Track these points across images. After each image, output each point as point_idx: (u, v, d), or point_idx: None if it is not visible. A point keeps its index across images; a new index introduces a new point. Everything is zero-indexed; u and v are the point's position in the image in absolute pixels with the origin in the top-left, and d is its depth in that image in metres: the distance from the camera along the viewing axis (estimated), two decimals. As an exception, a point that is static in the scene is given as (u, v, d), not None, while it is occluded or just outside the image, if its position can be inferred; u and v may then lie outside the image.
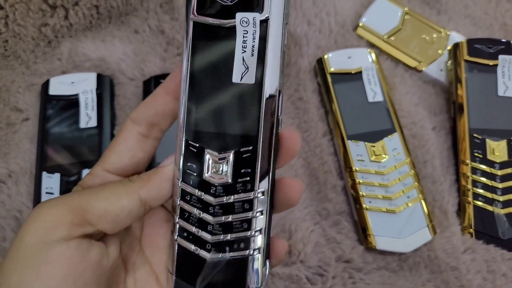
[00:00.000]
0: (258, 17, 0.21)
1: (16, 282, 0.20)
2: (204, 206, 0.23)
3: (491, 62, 0.43)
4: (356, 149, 0.41)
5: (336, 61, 0.45)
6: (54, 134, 0.41)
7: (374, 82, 0.44)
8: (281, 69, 0.22)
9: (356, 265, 0.38)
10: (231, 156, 0.22)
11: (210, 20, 0.22)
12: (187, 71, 0.22)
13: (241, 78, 0.22)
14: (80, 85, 0.42)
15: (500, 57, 0.43)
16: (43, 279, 0.20)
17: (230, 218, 0.22)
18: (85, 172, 0.39)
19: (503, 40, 0.44)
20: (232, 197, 0.22)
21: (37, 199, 0.38)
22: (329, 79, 0.44)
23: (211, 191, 0.22)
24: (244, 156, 0.22)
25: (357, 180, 0.40)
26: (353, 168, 0.40)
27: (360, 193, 0.39)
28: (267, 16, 0.21)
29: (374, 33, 0.48)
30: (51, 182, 0.39)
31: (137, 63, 0.46)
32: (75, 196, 0.22)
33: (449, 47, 0.46)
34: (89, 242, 0.22)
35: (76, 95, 0.42)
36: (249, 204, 0.22)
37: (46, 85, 0.43)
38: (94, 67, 0.45)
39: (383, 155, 0.41)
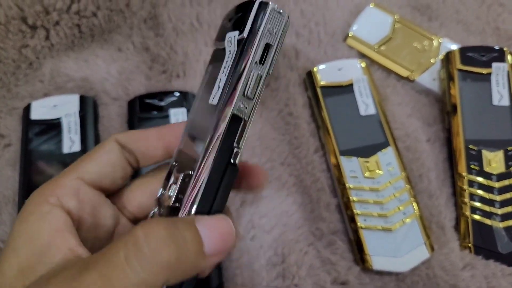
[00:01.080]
0: (237, 36, 0.20)
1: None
2: None
3: (484, 71, 0.42)
4: (349, 165, 0.40)
5: (326, 73, 0.44)
6: (37, 160, 0.39)
7: (365, 94, 0.43)
8: (243, 93, 0.20)
9: (353, 287, 0.37)
10: (180, 178, 0.21)
11: (218, 45, 0.22)
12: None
13: (213, 98, 0.21)
14: (62, 108, 0.41)
15: (494, 65, 0.42)
16: None
17: None
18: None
19: (496, 48, 0.43)
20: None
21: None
22: (320, 92, 0.43)
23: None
24: (185, 180, 0.21)
25: (351, 198, 0.39)
26: (347, 185, 0.39)
27: (355, 211, 0.38)
28: (243, 35, 0.20)
29: (365, 43, 0.46)
30: (34, 211, 0.37)
31: (121, 82, 0.44)
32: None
33: (441, 56, 0.45)
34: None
35: (59, 119, 0.41)
36: None
37: (27, 109, 0.41)
38: (77, 87, 0.44)
39: (377, 171, 0.39)
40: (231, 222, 0.19)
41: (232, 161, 0.20)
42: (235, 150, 0.20)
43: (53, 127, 0.41)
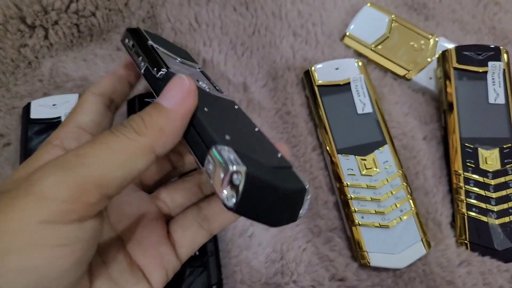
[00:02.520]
0: None
1: (15, 262, 0.17)
2: None
3: (480, 69, 0.43)
4: (346, 163, 0.40)
5: (323, 72, 0.44)
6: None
7: (363, 93, 0.43)
8: None
9: (350, 283, 0.37)
10: None
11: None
12: None
13: None
14: (62, 107, 0.41)
15: (490, 63, 0.43)
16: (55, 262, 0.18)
17: None
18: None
19: (491, 46, 0.43)
20: None
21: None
22: (317, 91, 0.43)
23: None
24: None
25: (348, 195, 0.39)
26: (344, 182, 0.39)
27: (352, 208, 0.39)
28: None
29: (362, 42, 0.47)
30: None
31: (120, 82, 0.44)
32: (83, 168, 0.18)
33: (437, 55, 0.45)
34: (100, 218, 0.20)
35: (59, 117, 0.41)
36: None
37: (27, 108, 0.42)
38: (76, 87, 0.44)
39: (374, 168, 0.40)
40: (181, 77, 0.22)
41: None
42: None
43: (52, 126, 0.41)
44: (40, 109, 0.41)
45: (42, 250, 0.17)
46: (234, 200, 0.18)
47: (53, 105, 0.42)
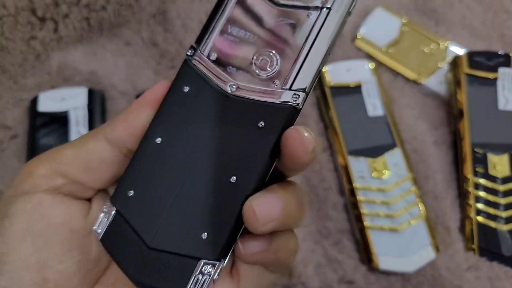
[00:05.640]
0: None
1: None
2: None
3: (491, 75, 0.43)
4: (356, 165, 0.40)
5: (335, 74, 0.44)
6: (43, 152, 0.39)
7: (373, 95, 0.43)
8: None
9: (359, 286, 0.37)
10: None
11: None
12: None
13: None
14: (70, 101, 0.41)
15: (500, 70, 0.43)
16: (2, 232, 0.19)
17: None
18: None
19: (501, 53, 0.44)
20: None
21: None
22: (328, 92, 0.43)
23: None
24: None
25: (358, 198, 0.39)
26: (354, 185, 0.39)
27: (362, 211, 0.38)
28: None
29: (373, 45, 0.47)
30: (41, 203, 0.37)
31: (129, 77, 0.44)
32: (52, 149, 0.21)
33: (449, 60, 0.45)
34: (62, 198, 0.20)
35: (67, 111, 0.41)
36: None
37: (35, 101, 0.41)
38: (85, 81, 0.44)
39: (384, 171, 0.40)
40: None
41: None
42: None
43: (60, 119, 0.40)
44: (48, 103, 0.41)
45: None
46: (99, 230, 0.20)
47: (62, 98, 0.41)
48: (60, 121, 0.41)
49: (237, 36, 0.21)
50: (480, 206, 0.39)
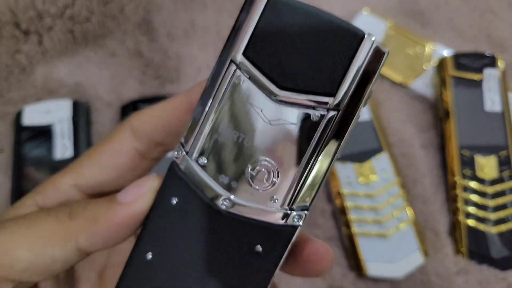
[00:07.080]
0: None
1: None
2: None
3: (476, 77, 0.43)
4: (343, 170, 0.40)
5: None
6: (29, 166, 0.39)
7: (359, 100, 0.43)
8: None
9: (348, 293, 0.36)
10: None
11: None
12: None
13: None
14: (55, 113, 0.41)
15: (486, 71, 0.43)
16: None
17: None
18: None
19: (487, 55, 0.43)
20: None
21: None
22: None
23: None
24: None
25: (345, 204, 0.39)
26: (341, 191, 0.39)
27: (349, 217, 0.38)
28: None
29: (358, 49, 0.47)
30: (26, 218, 0.37)
31: (114, 88, 0.44)
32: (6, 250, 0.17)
33: (434, 63, 0.45)
34: None
35: (52, 125, 0.40)
36: None
37: (19, 114, 0.41)
38: (70, 93, 0.44)
39: (371, 176, 0.39)
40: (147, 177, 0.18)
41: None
42: None
43: (45, 132, 0.40)
44: (33, 116, 0.41)
45: None
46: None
47: (47, 111, 0.41)
48: (45, 134, 0.40)
49: (229, 138, 0.17)
50: (469, 208, 0.39)
